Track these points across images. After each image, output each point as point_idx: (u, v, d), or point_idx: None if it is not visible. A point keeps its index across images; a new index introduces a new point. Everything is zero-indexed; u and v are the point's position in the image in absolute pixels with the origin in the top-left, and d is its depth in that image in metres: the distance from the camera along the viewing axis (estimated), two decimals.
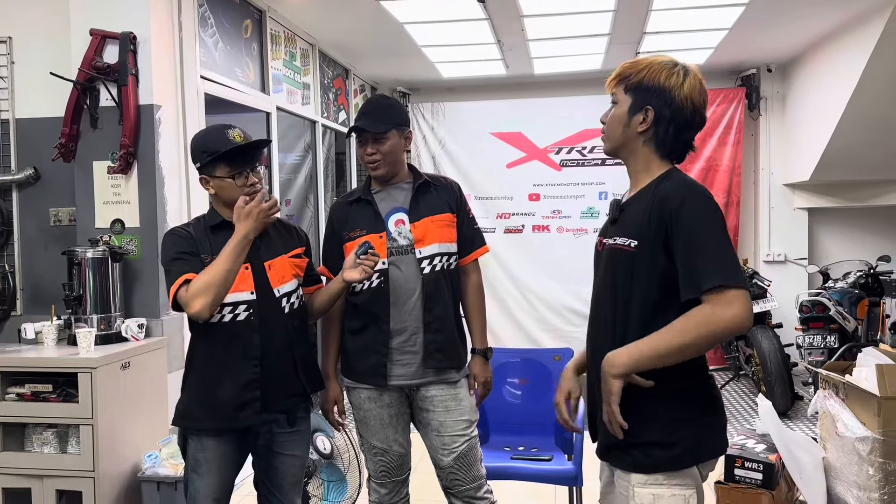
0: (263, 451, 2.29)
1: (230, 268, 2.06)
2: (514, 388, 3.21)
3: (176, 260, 2.14)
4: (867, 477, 2.78)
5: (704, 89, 1.70)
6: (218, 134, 2.18)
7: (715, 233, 1.56)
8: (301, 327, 2.30)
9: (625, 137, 1.73)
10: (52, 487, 2.94)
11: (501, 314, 6.91)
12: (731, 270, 1.52)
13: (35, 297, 3.64)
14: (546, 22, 4.94)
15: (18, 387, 2.98)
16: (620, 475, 1.70)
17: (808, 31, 5.37)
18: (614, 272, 1.70)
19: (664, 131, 1.68)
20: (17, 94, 3.63)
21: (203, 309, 2.04)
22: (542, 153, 6.85)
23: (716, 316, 1.51)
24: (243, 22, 4.32)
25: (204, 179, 2.20)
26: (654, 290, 1.62)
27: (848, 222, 6.62)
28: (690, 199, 1.59)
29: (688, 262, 1.55)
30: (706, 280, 1.52)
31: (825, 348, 4.89)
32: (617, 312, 1.68)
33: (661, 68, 1.68)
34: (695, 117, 1.69)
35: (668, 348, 1.55)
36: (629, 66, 1.72)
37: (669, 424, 1.63)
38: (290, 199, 5.97)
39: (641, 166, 1.73)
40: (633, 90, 1.70)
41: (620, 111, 1.72)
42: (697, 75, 1.70)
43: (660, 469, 1.62)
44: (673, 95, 1.66)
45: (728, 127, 6.56)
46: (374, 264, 2.23)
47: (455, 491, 2.46)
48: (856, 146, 5.46)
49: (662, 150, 1.71)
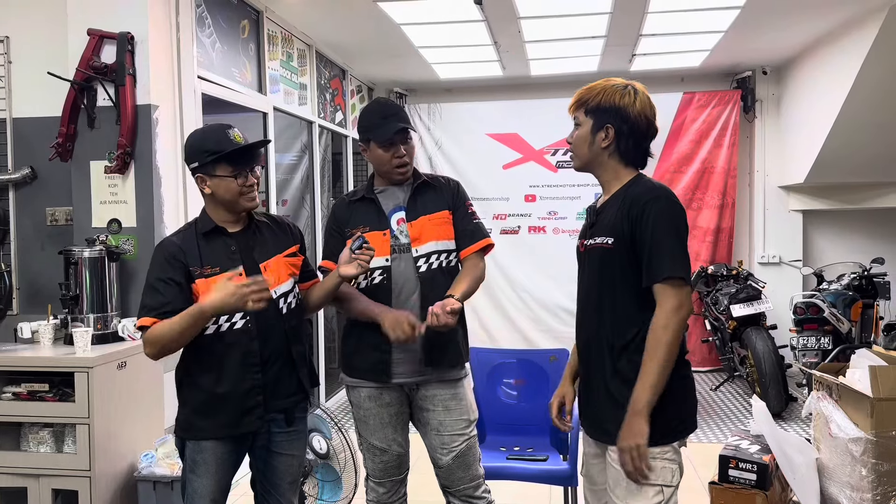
0: (261, 452, 2.29)
1: (184, 332, 2.06)
2: (509, 388, 3.22)
3: (151, 288, 2.13)
4: (860, 478, 2.80)
5: (653, 105, 1.95)
6: (219, 134, 2.18)
7: (671, 232, 1.83)
8: (297, 327, 2.30)
9: (591, 153, 1.97)
10: (48, 487, 2.94)
11: (497, 315, 6.93)
12: (678, 266, 1.81)
13: (31, 297, 3.64)
14: (543, 24, 4.96)
15: (14, 386, 2.98)
16: (615, 449, 1.87)
17: (804, 33, 5.40)
18: (598, 266, 1.94)
19: (625, 144, 1.93)
20: (14, 94, 3.63)
21: (151, 356, 2.14)
22: (538, 154, 6.87)
23: (665, 318, 1.80)
24: (241, 22, 4.32)
25: (200, 178, 2.18)
26: (630, 278, 1.88)
27: (842, 224, 6.67)
28: (653, 202, 1.85)
29: (647, 255, 1.83)
30: (659, 272, 1.81)
31: (819, 350, 4.92)
32: (603, 300, 1.92)
33: (615, 90, 1.93)
34: (649, 129, 1.95)
35: (658, 366, 1.79)
36: (586, 91, 1.97)
37: (658, 405, 1.81)
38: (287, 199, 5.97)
39: (611, 176, 1.98)
40: (594, 112, 1.94)
41: (584, 131, 1.96)
42: (645, 94, 1.95)
43: (653, 442, 1.81)
44: (628, 112, 1.91)
45: (723, 129, 6.59)
46: (368, 259, 2.23)
47: (453, 490, 2.47)
48: (850, 148, 5.49)
49: (626, 160, 1.96)
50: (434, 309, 2.26)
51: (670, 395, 1.83)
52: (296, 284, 2.33)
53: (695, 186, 6.66)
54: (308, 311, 2.41)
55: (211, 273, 2.15)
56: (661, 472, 1.84)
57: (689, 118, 6.65)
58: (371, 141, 2.42)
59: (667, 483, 1.85)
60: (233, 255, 2.20)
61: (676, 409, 1.88)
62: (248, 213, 2.29)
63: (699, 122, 6.64)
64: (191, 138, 2.26)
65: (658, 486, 1.84)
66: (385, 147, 2.40)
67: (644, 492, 1.84)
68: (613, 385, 1.89)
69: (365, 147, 2.48)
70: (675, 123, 6.65)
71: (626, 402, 1.82)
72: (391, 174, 2.44)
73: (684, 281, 1.81)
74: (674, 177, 6.66)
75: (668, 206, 1.85)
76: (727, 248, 6.69)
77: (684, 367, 1.92)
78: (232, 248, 2.21)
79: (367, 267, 2.25)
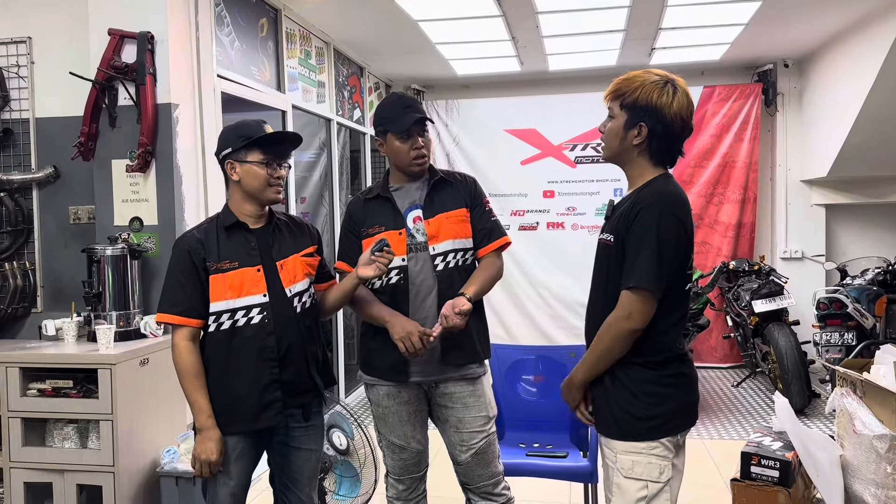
0: (279, 447, 2.31)
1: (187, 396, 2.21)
2: (529, 385, 3.20)
3: (174, 284, 2.20)
4: (885, 475, 2.75)
5: (691, 102, 1.91)
6: (254, 124, 2.25)
7: (650, 243, 1.81)
8: (312, 327, 2.32)
9: (621, 148, 1.94)
10: (73, 482, 2.97)
11: (516, 311, 6.92)
12: (646, 278, 1.80)
13: (55, 294, 3.69)
14: (560, 18, 4.93)
15: (39, 383, 3.02)
16: (606, 442, 1.93)
17: (826, 25, 5.33)
18: (600, 261, 1.97)
19: (657, 144, 1.90)
20: (36, 94, 3.67)
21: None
22: (556, 150, 6.84)
23: (614, 320, 1.84)
24: (259, 21, 4.34)
25: (230, 164, 2.22)
26: (621, 276, 1.88)
27: (866, 219, 6.56)
28: (647, 209, 1.83)
29: (627, 260, 1.85)
30: (627, 279, 1.83)
31: (843, 345, 4.85)
32: (601, 295, 1.95)
33: (654, 87, 1.87)
34: (683, 130, 1.91)
35: (595, 355, 1.90)
36: (624, 83, 1.92)
37: (649, 400, 1.87)
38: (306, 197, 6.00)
39: (636, 172, 1.95)
40: (629, 108, 1.90)
41: (617, 125, 1.93)
42: (685, 91, 1.90)
43: (639, 437, 1.86)
44: (664, 113, 1.86)
45: (745, 123, 6.52)
46: (388, 262, 2.24)
47: (472, 487, 2.47)
48: (874, 141, 5.41)
49: (655, 159, 1.93)
50: (444, 312, 2.28)
51: (656, 392, 1.87)
52: (311, 284, 2.34)
53: (716, 181, 6.60)
54: (325, 313, 2.42)
55: (228, 268, 2.18)
56: (647, 468, 1.86)
57: (710, 112, 6.59)
58: (388, 133, 2.42)
59: (653, 479, 1.86)
60: (252, 251, 2.22)
61: (663, 406, 1.88)
62: (270, 212, 2.31)
63: (720, 116, 6.57)
64: (227, 128, 2.31)
65: (643, 480, 1.86)
66: (403, 139, 2.40)
67: (629, 485, 1.87)
68: (606, 377, 1.93)
69: (381, 141, 2.47)
70: (696, 117, 6.53)
71: (613, 396, 1.89)
72: (409, 167, 2.43)
73: (650, 293, 1.81)
74: (694, 171, 6.61)
75: (657, 216, 1.82)
76: (749, 244, 6.62)
77: (676, 364, 1.92)
78: (252, 244, 2.24)
79: (386, 269, 2.25)
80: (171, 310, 2.18)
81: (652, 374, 1.89)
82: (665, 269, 1.82)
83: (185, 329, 2.18)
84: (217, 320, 2.19)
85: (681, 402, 1.93)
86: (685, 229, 1.87)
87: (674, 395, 1.91)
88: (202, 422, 2.15)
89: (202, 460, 2.14)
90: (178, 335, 2.18)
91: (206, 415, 2.15)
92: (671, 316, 1.89)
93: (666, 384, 1.89)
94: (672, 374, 1.91)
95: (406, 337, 2.26)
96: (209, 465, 2.14)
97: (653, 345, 1.88)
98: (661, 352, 1.90)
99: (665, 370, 1.89)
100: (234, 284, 2.19)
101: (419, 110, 2.44)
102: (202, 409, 2.15)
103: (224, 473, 2.20)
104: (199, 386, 2.17)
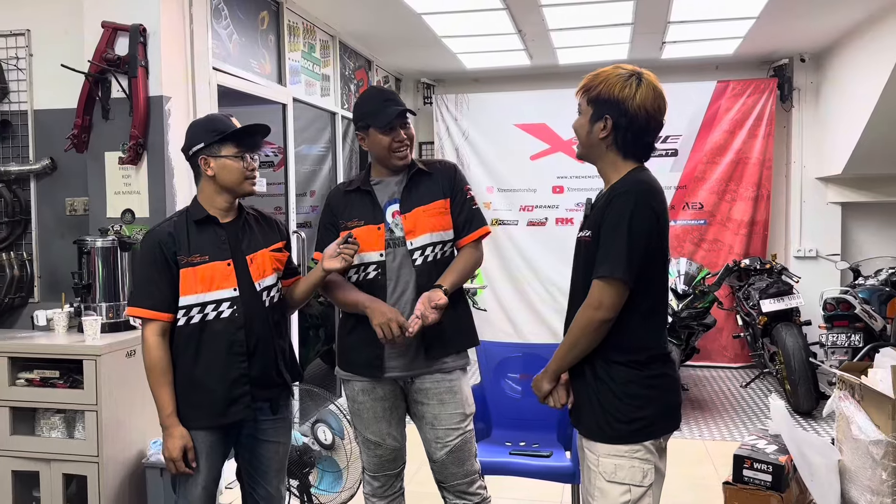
0: (247, 440, 2.31)
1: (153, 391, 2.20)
2: (514, 383, 3.16)
3: (145, 279, 2.22)
4: (880, 481, 2.66)
5: (658, 95, 1.87)
6: (223, 119, 2.26)
7: (622, 233, 1.79)
8: (280, 321, 2.32)
9: (589, 143, 1.93)
10: (59, 471, 2.99)
11: (524, 307, 6.87)
12: (618, 266, 1.78)
13: (51, 285, 3.72)
14: (565, 11, 4.86)
15: (28, 372, 3.04)
16: (589, 444, 1.90)
17: (844, 19, 5.18)
18: (579, 261, 1.96)
19: (623, 137, 1.88)
20: (35, 86, 3.70)
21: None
22: (566, 145, 6.75)
23: (584, 310, 1.82)
24: (259, 14, 4.33)
25: (204, 160, 2.21)
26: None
27: (883, 218, 6.39)
28: (620, 196, 1.82)
29: (600, 250, 1.82)
30: (598, 268, 1.81)
31: (849, 347, 4.74)
32: (578, 294, 1.91)
33: (616, 80, 1.86)
34: (650, 122, 1.87)
35: (566, 346, 1.89)
36: (592, 78, 1.91)
37: (633, 402, 1.84)
38: (315, 190, 6.00)
39: (609, 168, 1.93)
40: (594, 102, 1.89)
41: (584, 120, 1.93)
42: (651, 84, 1.87)
43: (620, 440, 1.84)
44: (626, 106, 1.84)
45: (759, 119, 6.39)
46: (353, 253, 2.23)
47: (447, 485, 2.44)
48: (891, 138, 5.25)
49: (624, 153, 1.90)
50: (418, 308, 2.25)
51: (640, 393, 1.84)
52: (279, 280, 2.34)
53: (728, 178, 6.48)
54: (292, 307, 2.42)
55: (199, 262, 2.17)
56: (630, 472, 1.84)
57: (723, 107, 6.46)
58: (370, 127, 2.38)
59: (636, 483, 1.83)
60: (222, 245, 2.22)
61: (647, 409, 1.85)
62: (240, 206, 2.32)
63: (733, 112, 6.44)
64: (195, 123, 2.32)
65: (626, 485, 1.83)
66: (385, 132, 2.36)
67: (611, 489, 1.84)
68: (587, 375, 1.91)
69: (363, 135, 2.43)
70: (709, 113, 6.47)
71: (596, 397, 1.87)
72: (391, 160, 2.40)
73: (621, 283, 1.78)
74: (707, 167, 6.50)
75: (631, 206, 1.80)
76: (762, 242, 6.49)
77: (660, 365, 1.89)
78: (222, 238, 2.23)
79: (351, 262, 2.24)
80: (142, 303, 2.18)
81: (635, 375, 1.86)
82: (636, 259, 1.79)
83: (155, 323, 2.17)
84: (187, 314, 2.18)
85: (665, 405, 1.90)
86: (658, 219, 1.84)
87: (658, 396, 1.88)
88: (163, 419, 2.16)
89: (166, 458, 2.15)
90: (148, 329, 2.18)
91: (167, 413, 2.15)
92: (641, 307, 1.85)
93: (650, 385, 1.86)
94: (656, 375, 1.87)
95: (385, 323, 2.23)
96: (173, 463, 2.14)
97: (635, 342, 1.86)
98: (643, 350, 1.87)
99: (649, 370, 1.86)
100: (205, 278, 2.18)
101: (400, 103, 2.41)
102: (164, 406, 2.15)
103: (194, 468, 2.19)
104: (165, 383, 2.16)
